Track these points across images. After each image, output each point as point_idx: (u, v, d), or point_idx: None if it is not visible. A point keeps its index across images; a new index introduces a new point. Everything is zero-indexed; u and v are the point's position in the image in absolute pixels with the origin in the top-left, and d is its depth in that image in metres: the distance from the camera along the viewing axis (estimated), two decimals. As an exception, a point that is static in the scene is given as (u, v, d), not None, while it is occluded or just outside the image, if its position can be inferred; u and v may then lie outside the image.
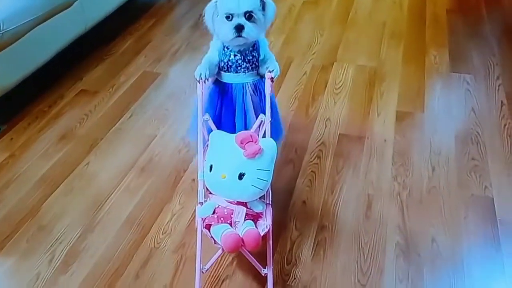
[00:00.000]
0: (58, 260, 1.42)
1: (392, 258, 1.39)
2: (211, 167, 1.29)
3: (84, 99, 2.07)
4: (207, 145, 1.37)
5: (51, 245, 1.46)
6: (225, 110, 1.45)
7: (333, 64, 2.26)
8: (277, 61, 1.41)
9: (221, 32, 1.37)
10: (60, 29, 2.06)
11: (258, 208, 1.31)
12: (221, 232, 1.23)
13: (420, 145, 1.78)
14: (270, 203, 1.33)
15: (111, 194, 1.62)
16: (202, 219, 1.29)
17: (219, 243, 1.24)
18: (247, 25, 1.34)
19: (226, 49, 1.41)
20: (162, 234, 1.49)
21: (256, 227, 1.27)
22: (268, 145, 1.27)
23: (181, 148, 1.80)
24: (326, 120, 1.92)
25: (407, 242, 1.44)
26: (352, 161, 1.73)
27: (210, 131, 1.40)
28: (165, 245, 1.45)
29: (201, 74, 1.36)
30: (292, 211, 1.56)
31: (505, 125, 1.85)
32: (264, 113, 1.38)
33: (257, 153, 1.23)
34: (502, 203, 1.54)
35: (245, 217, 1.27)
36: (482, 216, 1.51)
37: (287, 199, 1.59)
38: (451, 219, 1.50)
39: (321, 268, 1.38)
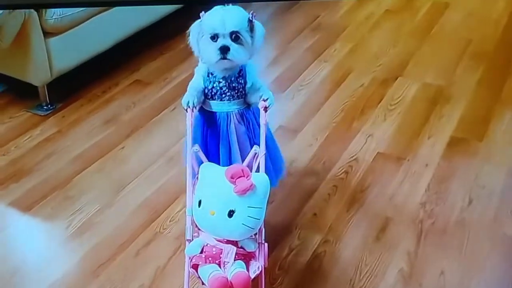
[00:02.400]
0: (74, 228, 1.74)
1: (389, 283, 1.48)
2: (199, 202, 1.33)
3: (136, 88, 2.44)
4: (197, 178, 1.43)
5: (71, 214, 1.79)
6: (210, 139, 1.53)
7: (396, 78, 2.38)
8: (335, 70, 1.52)
9: (205, 54, 1.43)
10: (123, 20, 2.44)
11: (250, 247, 1.35)
12: (208, 274, 1.28)
13: (464, 175, 1.84)
14: (263, 241, 1.37)
15: (135, 178, 1.92)
16: (189, 257, 1.35)
17: (206, 285, 1.30)
18: (233, 46, 1.39)
19: (210, 75, 1.48)
20: (170, 221, 1.74)
21: (247, 268, 1.32)
22: (261, 180, 1.30)
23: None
24: (368, 136, 2.05)
25: (412, 270, 1.52)
26: (381, 181, 1.84)
27: (200, 162, 1.46)
28: (170, 232, 1.70)
29: (188, 102, 1.43)
30: (300, 220, 1.71)
31: None
32: (256, 144, 1.45)
33: (248, 190, 1.27)
34: (533, 249, 1.56)
35: (235, 257, 1.32)
36: (506, 257, 1.53)
37: (298, 208, 1.75)
38: (470, 254, 1.55)
39: (311, 280, 1.51)
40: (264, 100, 1.43)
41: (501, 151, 1.94)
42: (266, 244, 1.38)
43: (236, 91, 1.48)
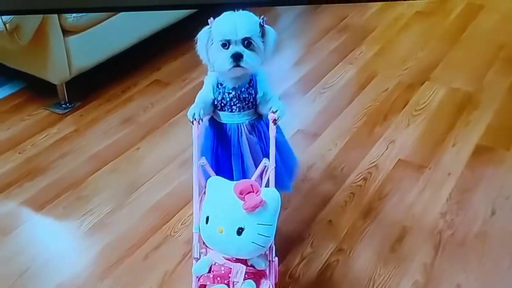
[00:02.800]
0: (85, 229, 1.77)
1: (402, 295, 1.48)
2: (207, 218, 1.31)
3: (155, 88, 2.48)
4: (204, 193, 1.41)
5: (83, 215, 1.82)
6: (221, 152, 1.52)
7: (423, 83, 2.35)
8: (359, 73, 1.50)
9: (216, 62, 1.41)
10: (143, 20, 2.49)
11: (260, 265, 1.34)
12: None
13: (488, 185, 1.80)
14: (273, 259, 1.37)
15: (148, 180, 1.95)
16: (197, 277, 1.34)
17: None
18: (246, 53, 1.37)
19: (220, 86, 1.47)
20: (181, 224, 1.76)
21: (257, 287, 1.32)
22: (271, 196, 1.29)
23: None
24: (390, 143, 2.02)
25: (427, 283, 1.49)
26: (401, 190, 1.81)
27: (207, 176, 1.44)
28: (180, 235, 1.71)
29: (194, 114, 1.41)
30: (314, 227, 1.70)
31: None
32: (266, 156, 1.44)
33: (258, 206, 1.25)
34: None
35: (245, 276, 1.30)
36: (529, 273, 1.50)
37: (313, 214, 1.74)
38: (490, 267, 1.52)
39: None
40: (274, 112, 1.41)
41: (530, 161, 1.91)
42: (276, 259, 1.37)
43: (246, 102, 1.47)
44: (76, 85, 2.40)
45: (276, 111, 1.41)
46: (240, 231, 1.26)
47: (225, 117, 1.49)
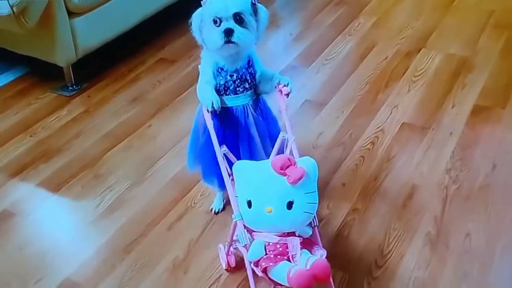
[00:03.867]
0: (105, 205, 1.84)
1: (417, 246, 1.58)
2: (249, 203, 1.32)
3: (162, 66, 2.55)
4: (232, 179, 1.42)
5: (102, 192, 1.90)
6: (229, 135, 1.53)
7: (420, 50, 2.47)
8: (359, 43, 1.56)
9: (209, 40, 1.43)
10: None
11: (308, 233, 1.37)
12: (286, 272, 1.25)
13: (487, 142, 1.93)
14: (317, 224, 1.39)
15: (164, 155, 2.03)
16: (254, 262, 1.33)
17: (286, 284, 1.26)
18: (237, 29, 1.40)
19: (221, 70, 1.49)
20: (200, 196, 1.84)
21: (311, 254, 1.34)
22: (308, 164, 1.31)
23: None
24: (393, 108, 2.14)
25: (439, 233, 1.62)
26: (407, 150, 1.93)
27: (229, 163, 1.45)
28: (201, 206, 1.80)
29: (213, 103, 1.41)
30: (329, 191, 1.81)
31: None
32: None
33: (302, 177, 1.27)
34: (558, 210, 1.64)
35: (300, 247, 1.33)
36: (531, 220, 1.63)
37: (327, 179, 1.84)
38: (495, 217, 1.65)
39: (341, 245, 1.61)
40: (286, 85, 1.46)
41: (525, 118, 2.04)
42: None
43: (248, 82, 1.51)
44: (82, 67, 2.46)
45: (287, 84, 1.47)
46: (290, 205, 1.28)
47: (229, 100, 1.51)
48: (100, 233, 1.74)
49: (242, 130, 1.54)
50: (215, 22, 1.41)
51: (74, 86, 2.41)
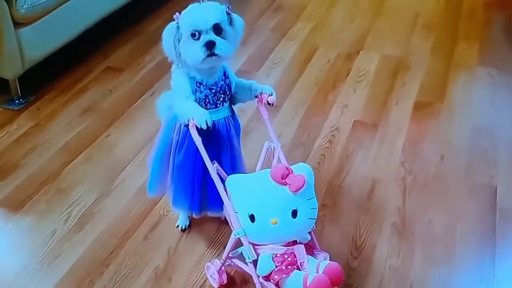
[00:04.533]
0: (74, 220, 1.75)
1: (386, 236, 1.65)
2: (252, 217, 1.28)
3: (109, 75, 2.45)
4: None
5: (68, 206, 1.80)
6: (210, 150, 1.41)
7: (359, 52, 2.57)
8: (302, 47, 1.59)
9: (188, 55, 1.34)
10: (91, 5, 2.44)
11: (307, 238, 1.36)
12: (302, 281, 1.22)
13: (433, 135, 2.05)
14: (314, 228, 1.37)
15: (127, 165, 1.95)
16: (265, 277, 1.30)
17: None
18: (218, 40, 1.33)
19: (199, 85, 1.41)
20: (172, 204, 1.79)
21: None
22: (305, 170, 1.31)
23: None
24: (344, 107, 2.21)
25: (404, 222, 1.70)
26: (363, 146, 2.00)
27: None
28: (174, 214, 1.74)
29: (206, 120, 1.32)
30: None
31: (523, 120, 2.11)
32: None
33: (304, 184, 1.26)
34: (504, 192, 1.77)
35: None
36: (483, 203, 1.75)
37: (293, 177, 1.89)
38: (451, 204, 1.76)
39: (317, 241, 1.61)
40: (270, 95, 1.42)
41: (462, 110, 2.17)
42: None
43: (226, 94, 1.45)
44: (27, 79, 2.31)
45: (271, 94, 1.43)
46: (295, 214, 1.27)
47: (211, 114, 1.39)
48: (73, 249, 1.65)
49: (223, 143, 1.48)
50: (193, 35, 1.33)
51: (21, 100, 2.26)
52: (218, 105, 1.45)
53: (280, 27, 2.80)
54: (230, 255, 1.43)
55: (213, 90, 1.42)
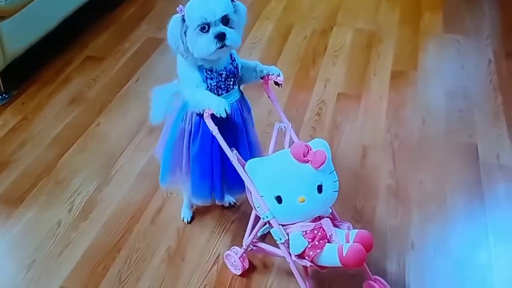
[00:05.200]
0: (78, 209, 1.71)
1: (383, 199, 1.71)
2: (278, 198, 1.25)
3: (90, 65, 2.38)
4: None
5: (69, 197, 1.76)
6: (226, 136, 1.36)
7: (332, 28, 2.59)
8: (278, 26, 1.59)
9: (198, 48, 1.30)
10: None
11: (329, 211, 1.34)
12: (337, 253, 1.20)
13: (412, 101, 2.11)
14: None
15: (123, 151, 1.92)
16: (298, 255, 1.26)
17: (339, 265, 1.21)
18: (228, 31, 1.29)
19: (209, 72, 1.37)
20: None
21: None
22: (322, 145, 1.29)
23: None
24: (326, 81, 2.24)
25: (398, 185, 1.75)
26: (350, 117, 2.04)
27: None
28: (177, 195, 1.73)
29: (225, 108, 1.29)
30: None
31: (491, 80, 2.18)
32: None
33: (326, 159, 1.24)
34: (485, 148, 1.86)
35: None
36: (466, 160, 1.83)
37: (287, 151, 1.91)
38: (438, 163, 1.82)
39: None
40: (278, 75, 1.40)
41: (435, 75, 2.24)
42: None
43: (236, 76, 1.41)
44: (8, 74, 2.20)
45: (279, 74, 1.40)
46: (320, 189, 1.25)
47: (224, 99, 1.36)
48: (82, 237, 1.62)
49: (239, 128, 1.43)
50: (202, 28, 1.28)
51: (4, 95, 2.17)
52: (229, 90, 1.40)
53: (254, 7, 2.77)
54: (255, 239, 1.39)
55: (223, 75, 1.38)
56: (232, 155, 1.34)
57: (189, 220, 1.66)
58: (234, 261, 1.48)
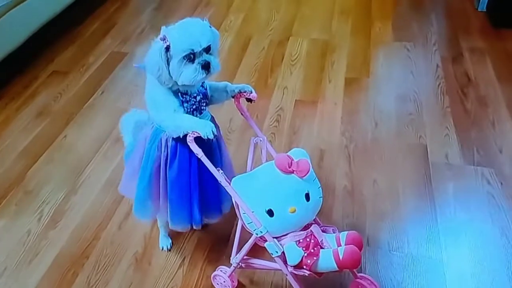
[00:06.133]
0: (47, 218, 1.69)
1: (340, 198, 1.73)
2: (270, 212, 1.22)
3: (56, 79, 2.35)
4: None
5: (38, 206, 1.74)
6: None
7: (289, 38, 2.62)
8: (237, 38, 1.60)
9: (183, 77, 1.26)
10: (31, 13, 2.32)
11: (313, 216, 1.31)
12: (333, 257, 1.19)
13: (365, 106, 2.14)
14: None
15: (90, 162, 1.90)
16: (295, 266, 1.24)
17: (335, 269, 1.20)
18: (211, 59, 1.28)
19: (185, 96, 1.33)
20: (140, 192, 1.79)
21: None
22: (302, 154, 1.28)
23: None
24: (284, 89, 2.26)
25: (353, 185, 1.78)
26: (307, 122, 2.07)
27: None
28: None
29: (212, 130, 1.26)
30: (254, 167, 1.86)
31: (439, 84, 2.24)
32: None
33: (309, 168, 1.23)
34: (433, 149, 1.90)
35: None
36: (417, 160, 1.87)
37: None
38: (390, 164, 1.86)
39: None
40: (251, 92, 1.39)
41: (386, 81, 2.29)
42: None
43: (207, 97, 1.39)
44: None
45: (251, 91, 1.40)
46: (307, 197, 1.24)
47: None
48: (51, 245, 1.61)
49: (213, 146, 1.41)
50: (187, 58, 1.24)
51: (-29, 110, 2.13)
52: (203, 111, 1.38)
53: (213, 20, 2.76)
54: (244, 257, 1.35)
55: (198, 97, 1.35)
56: (220, 175, 1.29)
57: (169, 247, 1.61)
58: (224, 281, 1.44)
